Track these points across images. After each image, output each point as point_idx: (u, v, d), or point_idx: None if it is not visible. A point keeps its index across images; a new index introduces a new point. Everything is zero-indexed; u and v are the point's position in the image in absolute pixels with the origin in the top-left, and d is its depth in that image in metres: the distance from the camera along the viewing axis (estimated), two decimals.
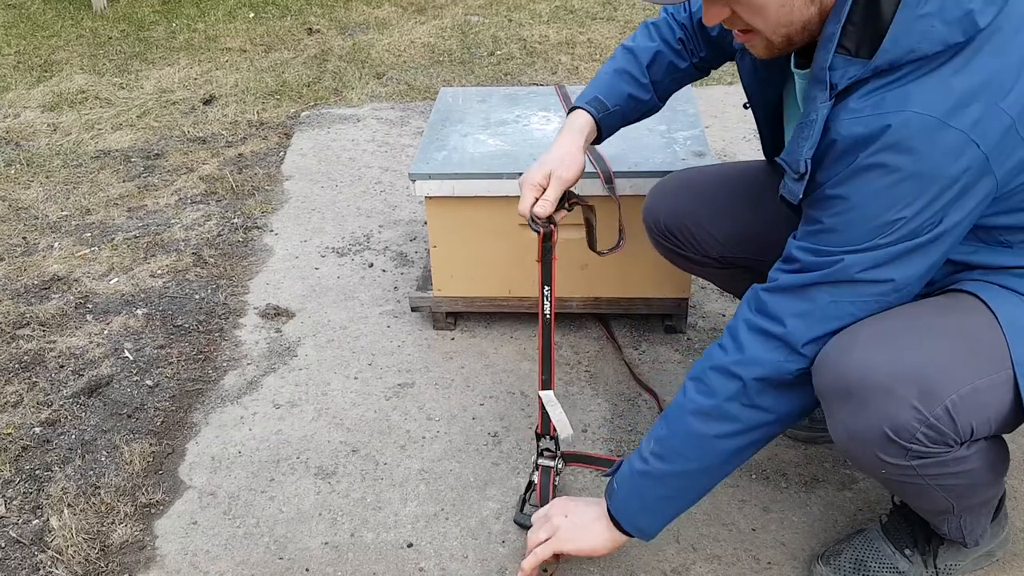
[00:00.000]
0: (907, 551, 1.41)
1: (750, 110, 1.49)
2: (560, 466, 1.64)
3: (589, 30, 4.22)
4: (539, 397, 1.58)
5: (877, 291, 1.17)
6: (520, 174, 1.87)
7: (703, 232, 1.62)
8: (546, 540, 1.40)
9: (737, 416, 1.25)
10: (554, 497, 1.55)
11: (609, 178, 1.79)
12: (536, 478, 1.61)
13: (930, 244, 1.14)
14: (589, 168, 1.74)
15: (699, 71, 1.60)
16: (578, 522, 1.40)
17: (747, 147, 2.97)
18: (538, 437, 1.63)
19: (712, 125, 3.09)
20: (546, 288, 1.53)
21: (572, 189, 1.52)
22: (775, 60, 1.30)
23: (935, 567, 1.41)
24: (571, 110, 1.57)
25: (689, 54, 1.56)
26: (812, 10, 1.14)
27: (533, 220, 1.47)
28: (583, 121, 1.54)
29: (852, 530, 1.53)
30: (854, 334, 1.18)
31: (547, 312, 1.54)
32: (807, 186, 1.18)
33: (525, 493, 1.63)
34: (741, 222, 1.59)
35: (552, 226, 1.48)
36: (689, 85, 2.30)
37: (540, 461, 1.62)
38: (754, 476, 1.69)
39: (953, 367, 1.13)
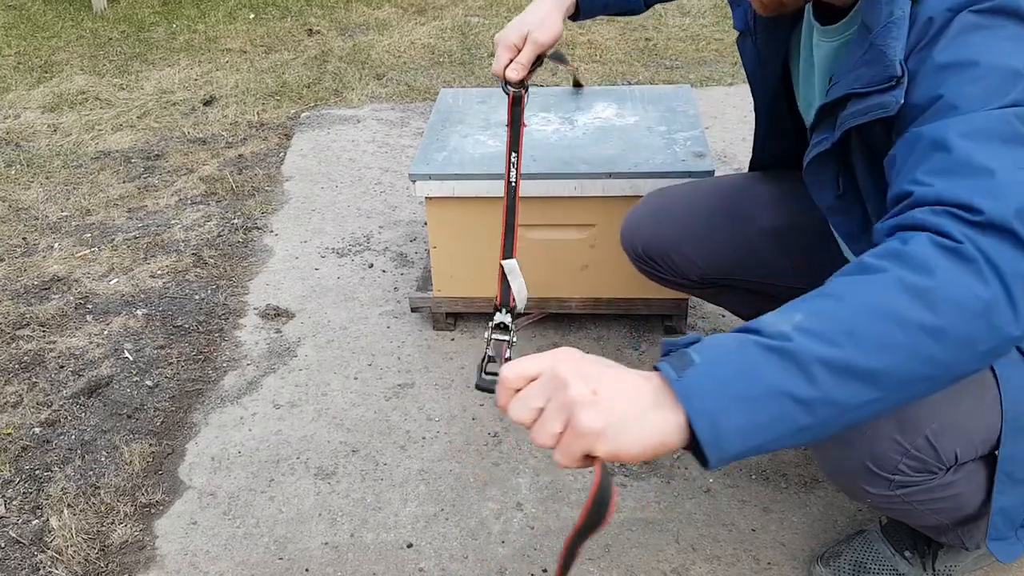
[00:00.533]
0: (907, 553, 1.41)
1: (752, 104, 1.48)
2: (514, 339, 1.48)
3: (589, 31, 4.22)
4: (500, 266, 1.48)
5: None
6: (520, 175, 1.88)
7: (683, 257, 1.59)
8: (562, 428, 0.80)
9: (957, 309, 0.79)
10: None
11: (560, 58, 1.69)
12: (490, 351, 1.47)
13: None
14: None
15: None
16: (613, 409, 0.78)
17: (747, 148, 2.95)
18: (495, 309, 1.50)
19: (712, 126, 3.09)
20: (513, 155, 1.50)
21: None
22: (775, 38, 1.29)
23: (934, 569, 1.41)
24: None
25: None
26: None
27: (505, 83, 1.47)
28: None
29: (852, 531, 1.53)
30: None
31: (512, 180, 1.51)
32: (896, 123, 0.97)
33: (482, 362, 1.48)
34: (722, 244, 1.56)
35: (523, 91, 1.47)
36: (689, 87, 2.31)
37: (493, 336, 1.48)
38: (754, 476, 1.69)
39: (933, 396, 0.88)
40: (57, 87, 3.80)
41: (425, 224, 2.51)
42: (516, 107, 1.47)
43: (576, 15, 1.53)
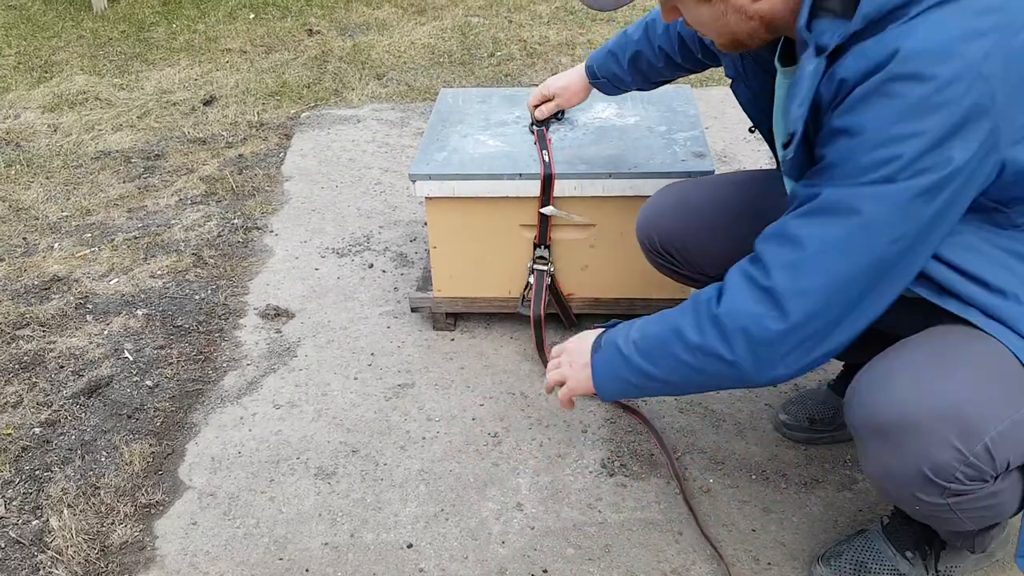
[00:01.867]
0: (908, 553, 1.41)
1: (758, 133, 1.52)
2: (552, 270, 1.96)
3: (589, 31, 4.22)
4: (539, 213, 1.91)
5: (864, 233, 1.07)
6: (520, 175, 1.88)
7: (700, 252, 1.60)
8: (558, 380, 1.38)
9: (710, 358, 1.17)
10: (546, 297, 1.97)
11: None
12: (532, 280, 1.97)
13: (927, 192, 1.04)
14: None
15: (681, 71, 1.76)
16: (576, 372, 1.34)
17: (747, 148, 2.97)
18: (535, 247, 1.96)
19: (712, 126, 3.09)
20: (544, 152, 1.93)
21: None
22: (763, 81, 1.37)
23: (936, 570, 1.41)
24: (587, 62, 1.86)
25: (667, 59, 1.72)
26: (752, 24, 1.17)
27: (533, 120, 2.03)
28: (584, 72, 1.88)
29: (852, 531, 1.53)
30: (886, 367, 1.16)
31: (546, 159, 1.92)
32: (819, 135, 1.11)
33: (524, 290, 2.00)
34: (740, 240, 1.53)
35: (544, 127, 2.02)
36: (689, 87, 2.31)
37: (535, 266, 1.97)
38: (754, 477, 1.69)
39: (989, 402, 1.10)
40: (57, 87, 3.80)
41: (425, 224, 2.51)
42: (542, 131, 2.00)
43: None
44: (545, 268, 1.96)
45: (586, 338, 1.37)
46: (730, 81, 1.49)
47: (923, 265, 1.13)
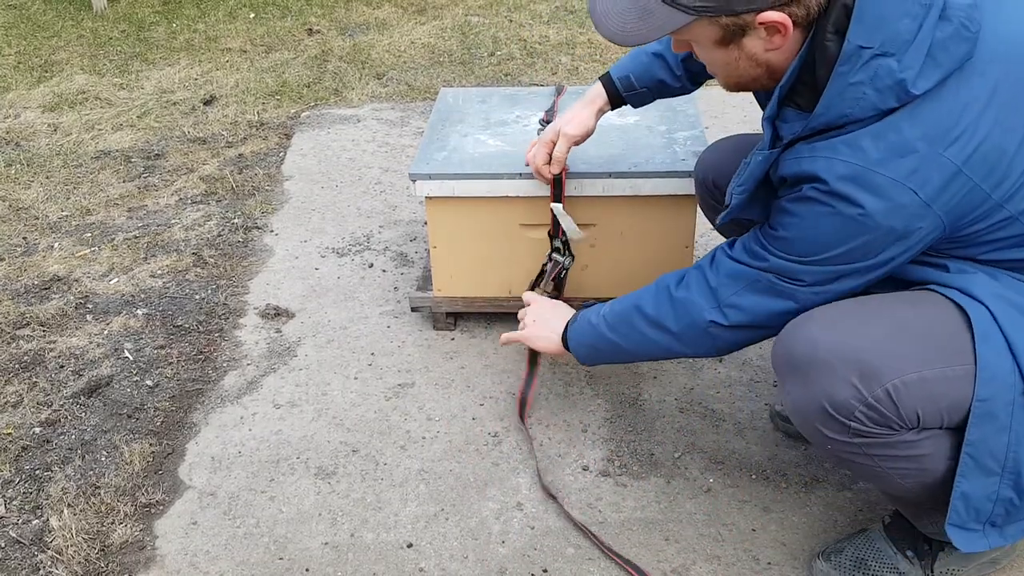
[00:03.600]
0: (908, 553, 1.41)
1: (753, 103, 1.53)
2: (568, 263, 1.89)
3: (589, 31, 4.22)
4: (551, 209, 1.86)
5: (803, 290, 1.27)
6: (520, 174, 1.88)
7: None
8: (517, 340, 1.72)
9: (660, 329, 1.42)
10: (556, 286, 1.92)
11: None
12: (548, 267, 1.90)
13: (860, 273, 1.23)
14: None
15: None
16: (541, 330, 1.67)
17: None
18: (551, 237, 1.91)
19: (712, 126, 3.09)
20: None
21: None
22: None
23: (934, 571, 1.41)
24: (602, 76, 1.73)
25: None
26: (759, 71, 1.23)
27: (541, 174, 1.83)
28: (596, 92, 1.72)
29: (853, 530, 1.53)
30: (811, 313, 1.26)
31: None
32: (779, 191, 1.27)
33: (536, 279, 1.92)
34: None
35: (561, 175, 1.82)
36: None
37: (554, 255, 1.90)
38: (754, 476, 1.69)
39: (901, 353, 1.18)
40: (57, 87, 3.80)
41: (425, 224, 2.51)
42: (557, 187, 1.84)
43: (620, 104, 1.74)
44: (563, 259, 1.91)
45: (560, 309, 1.67)
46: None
47: None
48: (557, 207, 1.85)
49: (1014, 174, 1.15)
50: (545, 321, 1.67)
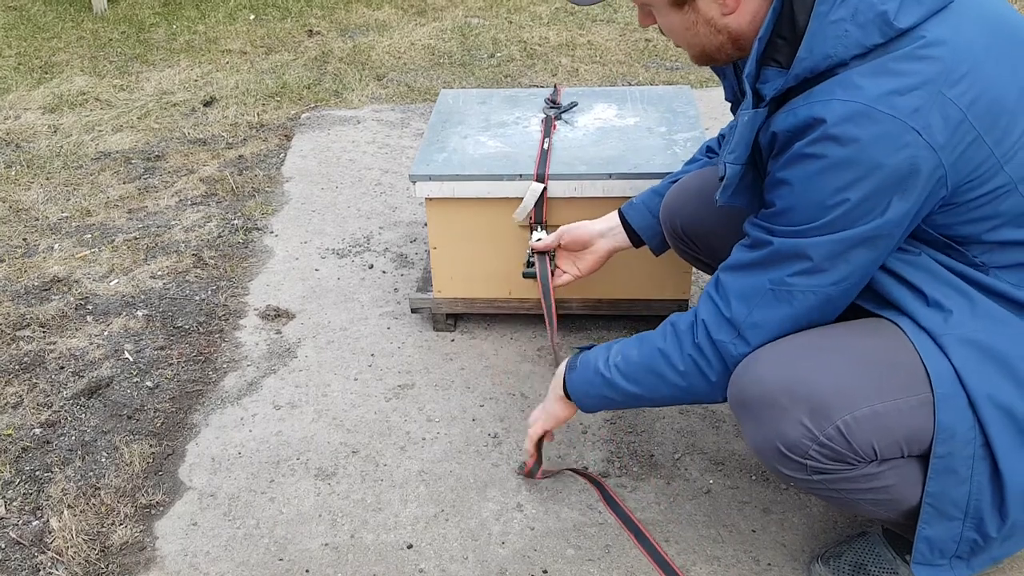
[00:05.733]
0: (907, 557, 1.41)
1: None
2: (553, 253, 1.81)
3: (589, 32, 4.22)
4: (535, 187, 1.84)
5: (811, 279, 1.19)
6: (520, 176, 1.88)
7: (721, 241, 1.57)
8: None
9: (696, 378, 1.30)
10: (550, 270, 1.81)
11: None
12: (529, 251, 1.85)
13: (868, 239, 1.14)
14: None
15: None
16: (548, 408, 1.55)
17: None
18: (531, 227, 1.88)
19: (712, 127, 3.09)
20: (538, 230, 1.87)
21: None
22: None
23: None
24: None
25: None
26: (720, 38, 1.21)
27: (531, 252, 1.84)
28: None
29: (852, 532, 1.53)
30: (760, 351, 1.23)
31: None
32: (765, 176, 1.22)
33: (528, 258, 1.86)
34: None
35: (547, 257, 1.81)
36: (689, 87, 2.32)
37: (537, 236, 1.83)
38: (754, 477, 1.69)
39: (851, 387, 1.16)
40: (57, 88, 3.80)
41: (425, 225, 2.51)
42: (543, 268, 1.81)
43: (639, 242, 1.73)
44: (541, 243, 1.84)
45: (555, 383, 1.53)
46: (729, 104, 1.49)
47: (862, 287, 1.23)
48: (536, 185, 1.84)
49: (1014, 133, 1.11)
50: (546, 404, 1.56)
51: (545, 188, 1.83)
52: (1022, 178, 1.14)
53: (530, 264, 1.84)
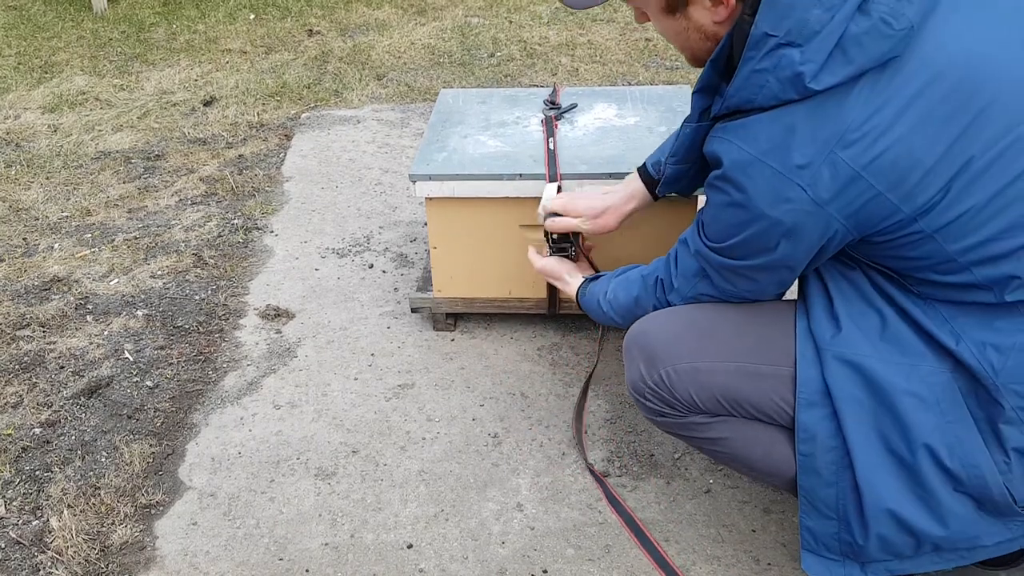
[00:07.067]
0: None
1: None
2: (572, 250, 1.82)
3: (589, 32, 4.22)
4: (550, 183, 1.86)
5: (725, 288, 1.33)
6: (520, 175, 1.88)
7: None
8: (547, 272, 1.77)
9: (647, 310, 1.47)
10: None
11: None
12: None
13: (765, 268, 1.24)
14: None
15: None
16: (563, 285, 1.75)
17: None
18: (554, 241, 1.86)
19: None
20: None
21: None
22: None
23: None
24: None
25: None
26: (709, 44, 1.25)
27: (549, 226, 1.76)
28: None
29: None
30: (655, 312, 1.42)
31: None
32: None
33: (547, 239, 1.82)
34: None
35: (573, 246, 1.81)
36: (688, 87, 2.31)
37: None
38: None
39: (684, 346, 1.32)
40: (57, 87, 3.80)
41: (425, 224, 2.51)
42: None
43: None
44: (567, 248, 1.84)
45: (576, 275, 1.72)
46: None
47: (782, 292, 1.34)
48: (550, 186, 1.82)
49: (931, 189, 1.09)
50: (564, 268, 1.75)
51: (559, 187, 1.83)
52: (939, 229, 1.12)
53: (554, 242, 1.79)
